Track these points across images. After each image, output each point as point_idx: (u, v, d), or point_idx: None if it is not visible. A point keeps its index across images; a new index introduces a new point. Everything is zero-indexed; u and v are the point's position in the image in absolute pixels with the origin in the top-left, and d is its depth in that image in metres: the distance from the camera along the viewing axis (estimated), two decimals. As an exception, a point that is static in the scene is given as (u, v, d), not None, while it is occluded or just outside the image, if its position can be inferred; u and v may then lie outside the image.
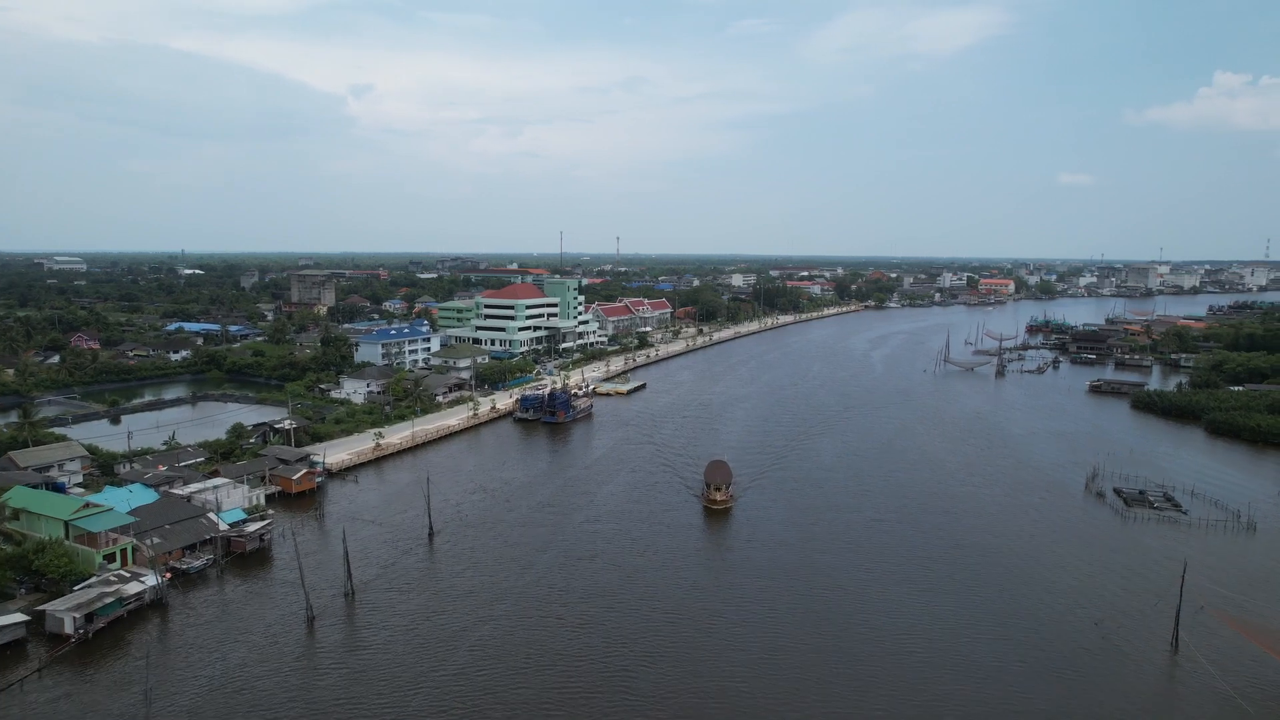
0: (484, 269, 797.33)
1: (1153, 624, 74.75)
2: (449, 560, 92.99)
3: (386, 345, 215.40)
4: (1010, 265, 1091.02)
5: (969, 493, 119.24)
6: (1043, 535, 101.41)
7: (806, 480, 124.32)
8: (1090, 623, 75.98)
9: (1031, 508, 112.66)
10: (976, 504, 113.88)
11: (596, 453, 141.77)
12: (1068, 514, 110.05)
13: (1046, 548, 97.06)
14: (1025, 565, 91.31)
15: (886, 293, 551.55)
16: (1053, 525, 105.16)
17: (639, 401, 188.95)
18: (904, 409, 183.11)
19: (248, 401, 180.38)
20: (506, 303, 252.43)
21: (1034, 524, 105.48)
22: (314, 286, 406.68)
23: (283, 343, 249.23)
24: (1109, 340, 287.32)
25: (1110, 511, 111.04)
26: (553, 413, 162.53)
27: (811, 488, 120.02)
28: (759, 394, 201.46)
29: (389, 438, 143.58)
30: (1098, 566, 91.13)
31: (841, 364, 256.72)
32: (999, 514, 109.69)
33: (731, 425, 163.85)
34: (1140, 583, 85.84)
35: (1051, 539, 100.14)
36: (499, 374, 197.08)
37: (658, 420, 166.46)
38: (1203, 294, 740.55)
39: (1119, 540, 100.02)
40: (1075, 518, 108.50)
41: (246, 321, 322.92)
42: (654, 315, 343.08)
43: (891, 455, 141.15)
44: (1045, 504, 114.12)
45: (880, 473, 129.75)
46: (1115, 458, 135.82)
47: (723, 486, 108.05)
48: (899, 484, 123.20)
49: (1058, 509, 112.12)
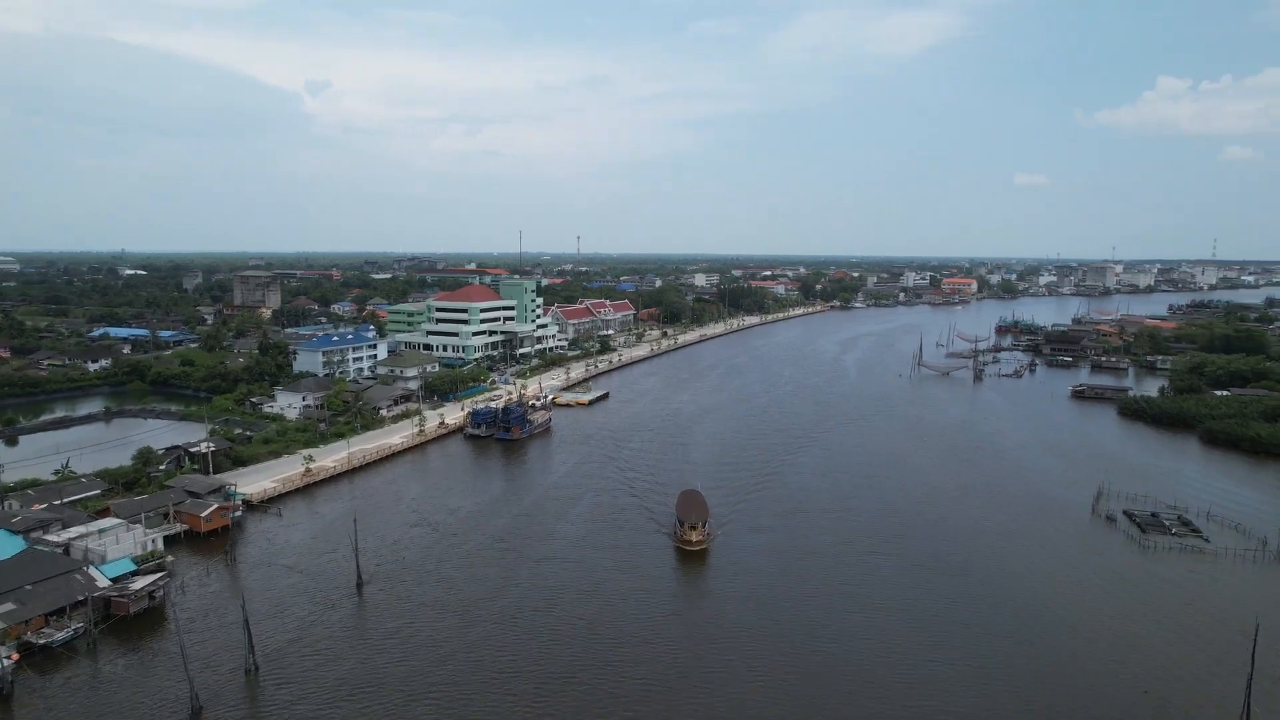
0: (441, 269, 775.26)
1: (1215, 694, 63.51)
2: (380, 616, 78.76)
3: (328, 353, 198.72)
4: (969, 264, 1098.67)
5: (968, 517, 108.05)
6: (1057, 569, 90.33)
7: (790, 506, 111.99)
8: (1138, 690, 64.57)
9: (1038, 534, 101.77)
10: (978, 531, 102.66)
11: (555, 475, 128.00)
12: (1079, 542, 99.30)
13: (1065, 586, 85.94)
14: (1045, 609, 79.95)
15: (851, 293, 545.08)
16: (1066, 557, 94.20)
17: (601, 413, 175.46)
18: (884, 419, 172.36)
19: (169, 418, 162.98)
20: (460, 306, 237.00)
21: (1045, 555, 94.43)
22: (258, 288, 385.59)
23: (218, 350, 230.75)
24: (1082, 342, 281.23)
25: (1125, 538, 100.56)
26: (507, 429, 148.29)
27: (796, 516, 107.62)
28: (729, 403, 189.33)
29: (322, 460, 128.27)
30: (1129, 611, 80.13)
31: (813, 368, 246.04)
32: (1005, 542, 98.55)
33: (702, 440, 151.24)
34: (1184, 635, 74.80)
35: (1068, 574, 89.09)
36: (450, 384, 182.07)
37: (622, 435, 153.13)
38: (1157, 292, 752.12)
39: (1143, 576, 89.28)
40: (1089, 547, 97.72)
41: (183, 326, 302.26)
42: (616, 317, 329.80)
43: (877, 472, 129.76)
44: (1053, 530, 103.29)
45: (868, 494, 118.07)
46: (1116, 473, 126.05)
47: (698, 525, 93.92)
48: (890, 508, 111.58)
49: (1067, 536, 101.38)
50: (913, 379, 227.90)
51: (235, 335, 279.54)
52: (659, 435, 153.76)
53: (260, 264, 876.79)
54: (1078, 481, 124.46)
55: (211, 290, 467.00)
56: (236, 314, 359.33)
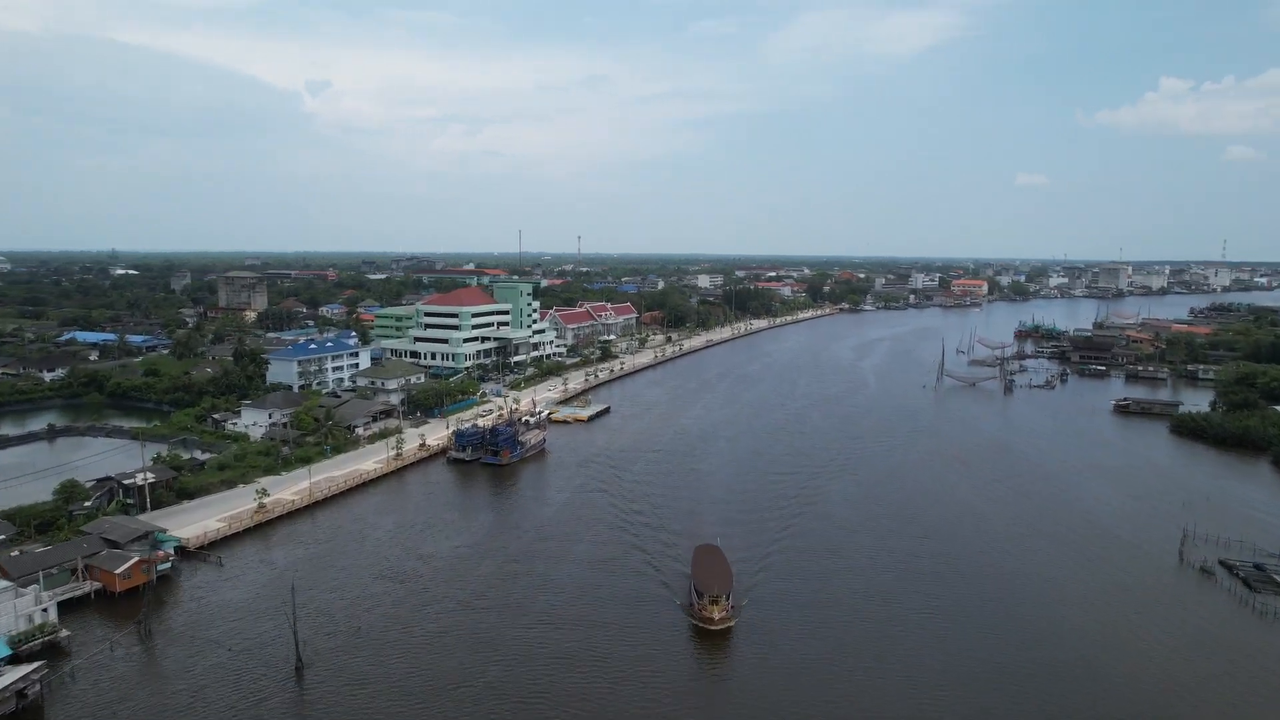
0: (440, 269, 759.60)
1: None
2: (321, 713, 62.28)
3: (304, 363, 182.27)
4: (972, 265, 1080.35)
5: (1033, 565, 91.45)
6: (1158, 641, 73.73)
7: (825, 556, 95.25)
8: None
9: (1123, 591, 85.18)
10: (1050, 585, 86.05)
11: (548, 509, 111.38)
12: (1176, 604, 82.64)
13: (1174, 667, 69.33)
14: (1160, 705, 63.37)
15: (860, 295, 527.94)
16: (1167, 626, 77.48)
17: (602, 431, 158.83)
18: (914, 438, 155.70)
19: (120, 437, 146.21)
20: (450, 310, 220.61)
21: (1140, 622, 77.74)
22: (243, 290, 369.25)
23: (189, 357, 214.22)
24: (1114, 349, 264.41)
25: (1230, 598, 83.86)
26: (495, 452, 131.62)
27: (834, 576, 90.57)
28: (742, 418, 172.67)
29: (281, 492, 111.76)
30: (1263, 704, 63.54)
31: (830, 378, 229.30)
32: (1085, 603, 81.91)
33: (716, 466, 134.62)
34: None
35: (1173, 648, 72.50)
36: (435, 397, 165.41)
37: (625, 459, 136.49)
38: (1170, 294, 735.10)
39: (1265, 651, 72.63)
40: (1189, 611, 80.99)
41: (161, 330, 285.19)
42: (618, 321, 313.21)
43: (919, 507, 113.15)
44: (1138, 586, 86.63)
45: (913, 536, 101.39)
46: (1191, 507, 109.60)
47: (720, 598, 75.45)
48: (942, 554, 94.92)
49: (1159, 593, 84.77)
50: (938, 390, 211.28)
51: (213, 340, 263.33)
52: (667, 459, 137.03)
53: (255, 264, 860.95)
54: (1147, 518, 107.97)
55: (199, 291, 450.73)
56: (220, 317, 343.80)
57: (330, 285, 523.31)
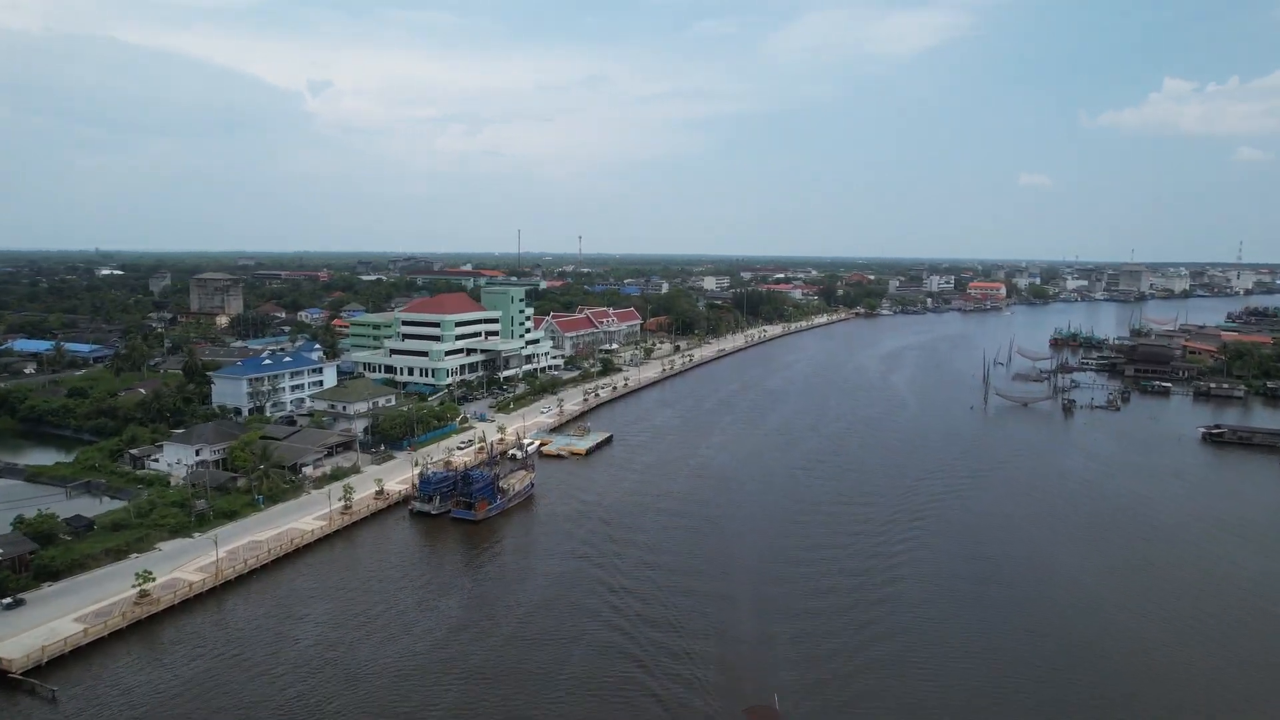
0: (437, 270, 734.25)
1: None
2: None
3: (255, 381, 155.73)
4: (980, 266, 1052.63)
5: (1192, 679, 64.86)
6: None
7: (912, 688, 68.76)
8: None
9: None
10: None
11: (530, 596, 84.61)
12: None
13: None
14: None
15: (876, 298, 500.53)
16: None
17: (603, 468, 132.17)
18: (981, 478, 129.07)
19: (13, 477, 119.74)
20: (430, 319, 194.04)
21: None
22: (216, 292, 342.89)
23: (130, 372, 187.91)
24: (1172, 361, 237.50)
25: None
26: (469, 504, 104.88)
27: (927, 713, 64.31)
28: (771, 449, 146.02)
29: (182, 568, 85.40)
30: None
31: (862, 395, 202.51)
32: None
33: (747, 522, 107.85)
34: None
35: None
36: (403, 426, 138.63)
37: (630, 514, 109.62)
38: (1193, 298, 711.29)
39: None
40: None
41: (121, 337, 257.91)
42: (621, 328, 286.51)
43: (1009, 580, 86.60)
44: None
45: (1015, 630, 74.81)
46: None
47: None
48: (1093, 690, 68.30)
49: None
50: (986, 412, 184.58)
51: (170, 350, 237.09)
52: (683, 513, 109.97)
53: (249, 264, 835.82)
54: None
55: (177, 294, 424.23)
56: (189, 322, 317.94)
57: (318, 287, 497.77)
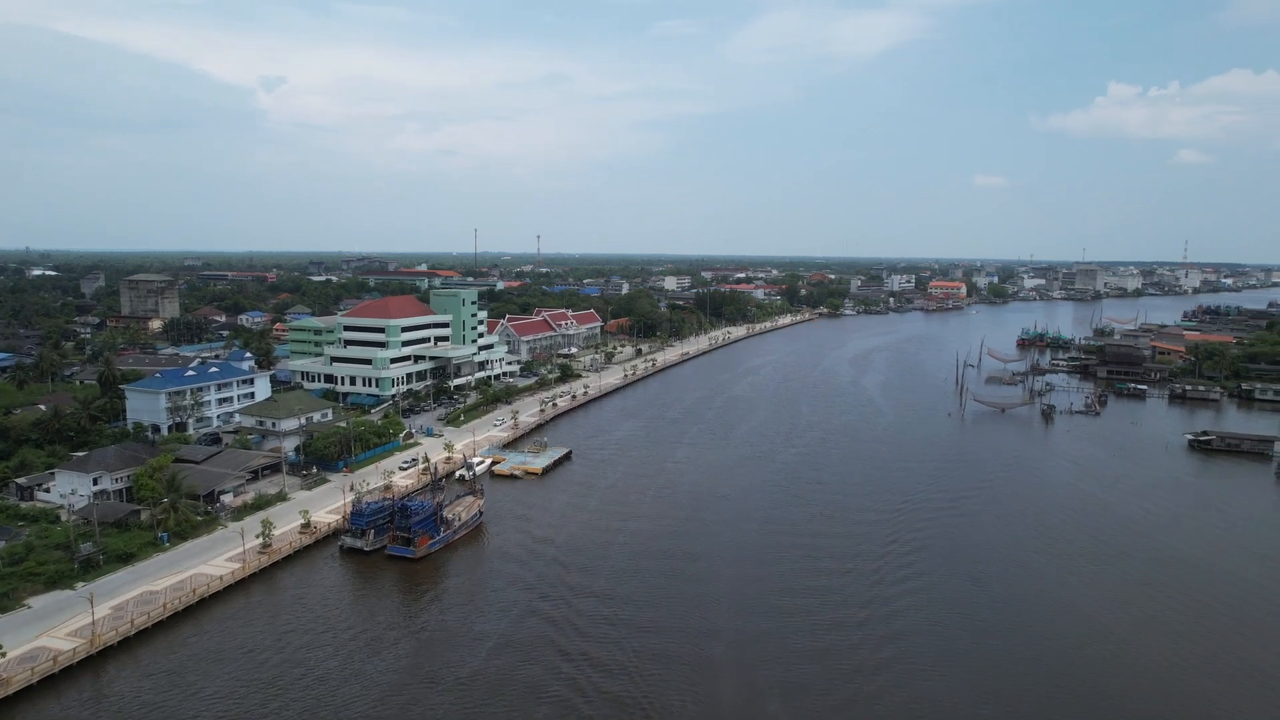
0: (393, 270, 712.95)
1: None
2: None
3: (175, 395, 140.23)
4: (937, 265, 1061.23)
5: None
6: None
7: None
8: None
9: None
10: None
11: (475, 655, 72.08)
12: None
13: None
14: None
15: (839, 298, 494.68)
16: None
17: (561, 490, 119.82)
18: (971, 496, 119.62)
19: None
20: (374, 324, 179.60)
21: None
22: (150, 295, 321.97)
23: (36, 384, 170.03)
24: (1145, 363, 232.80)
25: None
26: (407, 540, 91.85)
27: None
28: (743, 462, 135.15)
29: (52, 632, 71.23)
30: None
31: (834, 401, 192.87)
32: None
33: (721, 556, 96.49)
34: None
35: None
36: (338, 445, 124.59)
37: (590, 551, 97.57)
38: (1145, 296, 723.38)
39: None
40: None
41: (39, 345, 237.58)
42: (581, 331, 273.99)
43: (1034, 632, 76.55)
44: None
45: (1047, 701, 64.60)
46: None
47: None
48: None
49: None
50: (965, 419, 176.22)
51: (90, 358, 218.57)
52: (650, 544, 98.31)
53: (195, 264, 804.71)
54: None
55: (112, 295, 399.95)
56: (118, 327, 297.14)
57: (264, 289, 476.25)
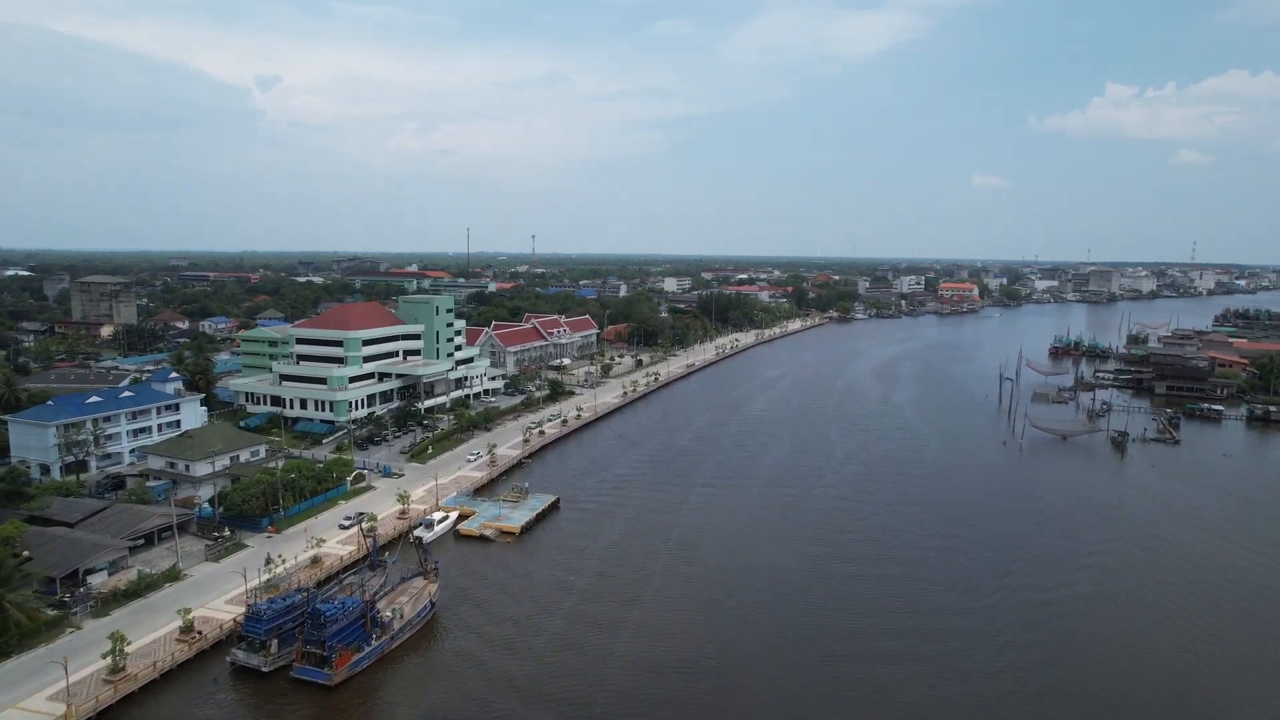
0: (383, 271, 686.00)
1: None
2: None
3: (70, 428, 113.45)
4: (939, 265, 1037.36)
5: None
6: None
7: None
8: None
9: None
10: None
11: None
12: None
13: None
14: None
15: (849, 300, 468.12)
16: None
17: (543, 560, 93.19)
18: (1077, 572, 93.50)
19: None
20: (331, 336, 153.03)
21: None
22: (103, 299, 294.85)
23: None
24: (1209, 377, 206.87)
25: None
26: (321, 656, 64.94)
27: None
28: (775, 511, 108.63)
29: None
30: None
31: (867, 425, 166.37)
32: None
33: (765, 686, 70.30)
34: None
35: None
36: (260, 499, 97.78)
37: (578, 678, 71.26)
38: (1160, 298, 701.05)
39: None
40: None
41: None
42: (575, 340, 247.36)
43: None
44: None
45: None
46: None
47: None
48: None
49: None
50: (1022, 448, 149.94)
51: (16, 370, 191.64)
52: (658, 653, 71.92)
53: (181, 264, 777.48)
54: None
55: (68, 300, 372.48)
56: (67, 333, 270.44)
57: (242, 291, 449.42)
